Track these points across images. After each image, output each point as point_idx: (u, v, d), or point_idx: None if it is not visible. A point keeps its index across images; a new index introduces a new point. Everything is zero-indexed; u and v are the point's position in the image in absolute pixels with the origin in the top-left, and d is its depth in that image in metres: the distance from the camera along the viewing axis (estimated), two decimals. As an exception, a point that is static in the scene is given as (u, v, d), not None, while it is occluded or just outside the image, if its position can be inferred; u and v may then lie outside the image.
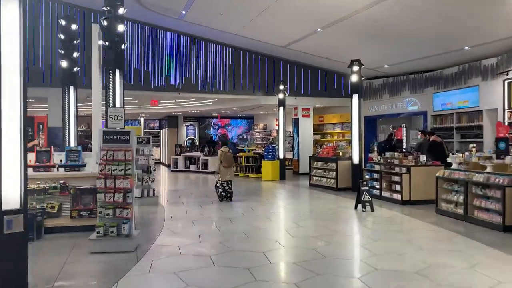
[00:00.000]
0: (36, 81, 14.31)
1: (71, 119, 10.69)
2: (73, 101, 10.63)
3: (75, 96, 10.70)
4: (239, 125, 25.54)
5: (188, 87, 16.02)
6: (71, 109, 10.58)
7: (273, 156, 15.80)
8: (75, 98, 10.64)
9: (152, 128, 27.57)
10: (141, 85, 15.42)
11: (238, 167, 17.76)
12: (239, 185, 14.02)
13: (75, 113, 10.52)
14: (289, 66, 17.31)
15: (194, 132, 25.11)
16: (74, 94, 10.68)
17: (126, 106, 21.21)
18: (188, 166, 19.98)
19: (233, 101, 18.30)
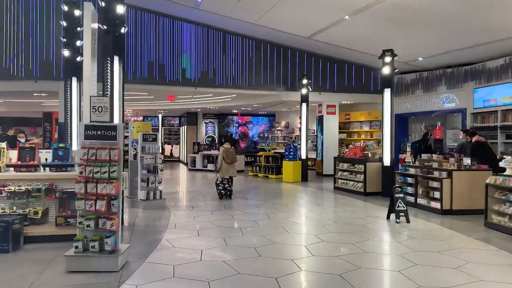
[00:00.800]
0: (46, 74, 13.67)
1: (73, 114, 9.85)
2: (76, 93, 9.80)
3: (79, 88, 9.85)
4: (260, 123, 24.47)
5: (205, 81, 15.06)
6: (74, 102, 9.75)
7: (294, 156, 14.66)
8: (78, 91, 9.80)
9: (171, 125, 26.86)
10: (155, 79, 14.57)
11: (257, 167, 16.70)
12: (257, 187, 12.95)
13: (78, 107, 9.69)
14: (313, 59, 16.10)
15: (214, 130, 24.20)
16: (77, 86, 9.84)
17: (142, 102, 20.59)
18: (205, 165, 19.07)
19: (253, 97, 17.25)
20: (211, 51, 15.11)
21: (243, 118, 24.18)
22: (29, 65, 13.63)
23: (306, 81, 14.80)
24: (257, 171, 16.69)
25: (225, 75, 15.25)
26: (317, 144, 17.29)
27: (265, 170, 16.34)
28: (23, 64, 13.61)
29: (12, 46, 13.56)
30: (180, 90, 15.23)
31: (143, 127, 10.66)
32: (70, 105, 9.89)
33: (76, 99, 9.76)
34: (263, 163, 16.45)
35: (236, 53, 15.35)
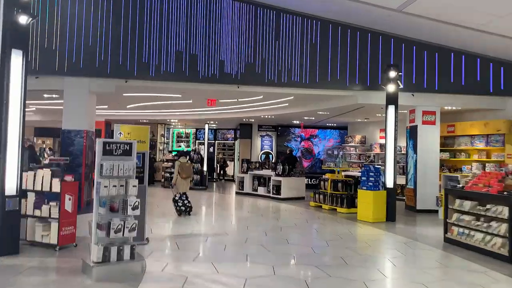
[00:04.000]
0: (48, 68, 10.62)
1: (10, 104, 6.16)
2: (20, 73, 6.06)
3: (24, 65, 6.10)
4: (328, 137, 19.92)
5: (250, 77, 11.09)
6: (15, 85, 6.04)
7: (376, 183, 10.01)
8: (23, 69, 6.08)
9: (226, 138, 23.33)
10: (185, 74, 10.91)
11: (322, 195, 12.23)
12: (318, 231, 8.49)
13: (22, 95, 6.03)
14: (403, 47, 11.43)
15: (271, 145, 20.14)
16: (22, 63, 6.09)
17: (185, 110, 17.11)
18: (255, 188, 14.98)
19: (317, 99, 12.93)
20: (260, 37, 11.12)
21: (307, 131, 19.81)
22: None
23: (394, 73, 10.17)
24: (321, 200, 12.21)
25: (278, 69, 11.14)
26: (408, 167, 12.39)
27: (332, 201, 11.81)
28: None
29: None
30: (217, 89, 11.40)
31: (137, 132, 6.87)
32: (7, 88, 6.14)
33: (19, 82, 6.07)
34: (330, 190, 11.95)
35: (295, 39, 11.21)
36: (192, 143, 23.23)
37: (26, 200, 6.34)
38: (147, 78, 10.87)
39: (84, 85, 10.97)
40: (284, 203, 13.01)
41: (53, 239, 6.12)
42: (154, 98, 13.47)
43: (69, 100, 10.97)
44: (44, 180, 6.25)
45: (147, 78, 10.85)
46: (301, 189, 14.39)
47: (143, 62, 10.77)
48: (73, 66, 10.59)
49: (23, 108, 6.00)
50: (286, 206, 12.36)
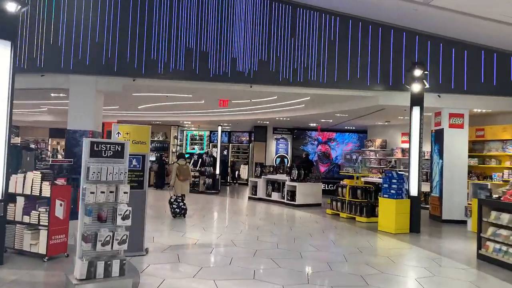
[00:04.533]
0: (54, 65, 10.20)
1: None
2: (8, 67, 5.58)
3: (12, 58, 5.61)
4: (346, 141, 19.07)
5: (264, 76, 10.43)
6: (1, 79, 5.54)
7: (399, 191, 9.20)
8: (11, 62, 5.59)
9: (241, 141, 22.73)
10: (195, 73, 10.33)
11: (339, 202, 11.45)
12: (338, 241, 7.71)
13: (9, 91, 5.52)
14: (428, 44, 10.61)
15: (287, 148, 19.41)
16: (10, 55, 5.60)
17: (198, 112, 16.55)
18: (269, 194, 14.29)
19: (335, 100, 12.18)
20: (274, 33, 10.47)
21: (324, 134, 19.01)
22: None
23: (419, 71, 9.37)
24: (339, 208, 11.44)
25: (294, 67, 10.45)
26: (432, 173, 11.51)
27: (350, 209, 11.03)
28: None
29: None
30: (228, 88, 10.77)
31: (137, 132, 6.28)
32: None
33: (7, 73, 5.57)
34: (348, 197, 11.17)
35: (312, 35, 10.52)
36: (206, 146, 22.71)
37: (15, 205, 5.82)
38: (156, 77, 10.33)
39: (90, 84, 10.50)
40: (299, 210, 12.28)
41: (42, 249, 5.57)
42: (164, 99, 12.94)
43: (75, 99, 10.50)
44: (34, 184, 5.72)
45: (155, 76, 10.32)
46: (318, 196, 13.64)
47: (152, 59, 10.24)
48: (79, 63, 10.14)
49: (10, 106, 5.46)
50: (301, 214, 11.64)
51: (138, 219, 6.23)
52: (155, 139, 20.84)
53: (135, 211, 6.19)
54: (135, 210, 6.19)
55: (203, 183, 16.21)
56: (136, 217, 6.21)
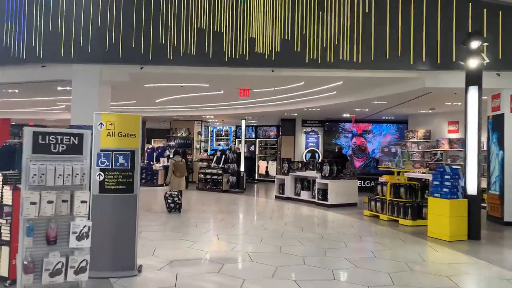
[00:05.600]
0: (54, 54, 9.22)
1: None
2: None
3: None
4: (384, 132, 17.27)
5: (287, 58, 9.00)
6: None
7: (453, 189, 7.55)
8: None
9: (268, 136, 21.37)
10: (208, 57, 9.04)
11: (379, 202, 9.88)
12: (380, 253, 6.13)
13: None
14: (485, 12, 8.82)
15: (317, 142, 17.85)
16: None
17: (218, 105, 15.21)
18: (298, 193, 12.87)
19: (371, 85, 10.59)
20: (299, 7, 9.01)
21: (359, 126, 17.29)
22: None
23: (477, 43, 7.65)
24: (378, 209, 9.87)
25: (322, 46, 8.96)
26: (490, 166, 9.73)
27: (392, 210, 9.44)
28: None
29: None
30: (247, 74, 9.45)
31: (124, 122, 5.05)
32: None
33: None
34: (389, 197, 9.59)
35: (342, 8, 8.98)
36: (232, 142, 21.51)
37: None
38: (164, 63, 9.13)
39: (94, 73, 9.46)
40: (331, 211, 10.80)
41: (4, 270, 4.44)
42: (181, 91, 11.78)
43: (78, 90, 9.49)
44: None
45: (164, 62, 9.12)
46: (353, 194, 12.09)
47: (160, 43, 9.05)
48: (81, 50, 9.10)
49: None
50: (334, 216, 10.16)
51: (128, 231, 5.01)
52: (178, 135, 19.84)
53: (123, 220, 4.99)
54: (123, 220, 4.99)
55: (226, 181, 14.98)
56: (125, 229, 5.01)
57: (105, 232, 4.91)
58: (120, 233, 4.97)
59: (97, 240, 4.93)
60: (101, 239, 4.90)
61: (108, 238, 4.91)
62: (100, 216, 4.91)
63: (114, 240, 4.93)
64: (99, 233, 4.92)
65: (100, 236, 4.91)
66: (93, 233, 4.95)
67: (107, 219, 4.92)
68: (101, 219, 4.90)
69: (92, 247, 4.92)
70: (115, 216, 4.95)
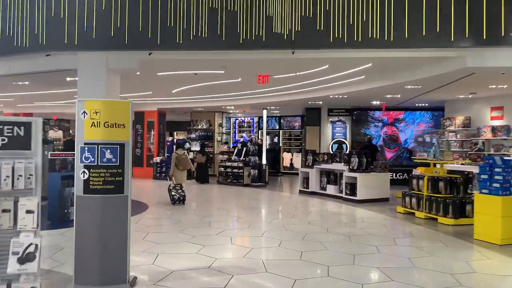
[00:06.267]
0: (57, 41, 8.60)
1: None
2: None
3: None
4: (417, 120, 15.97)
5: (310, 37, 8.01)
6: None
7: (505, 184, 6.44)
8: None
9: (292, 127, 20.40)
10: (221, 39, 8.17)
11: (414, 198, 8.82)
12: (418, 260, 5.07)
13: None
14: (542, -23, 7.54)
15: (345, 132, 16.74)
16: None
17: (238, 94, 14.20)
18: (324, 187, 11.92)
19: (405, 66, 9.46)
20: (321, -21, 7.99)
21: (390, 114, 16.07)
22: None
23: (535, 11, 6.44)
24: (414, 205, 8.82)
25: (349, 23, 7.92)
26: (545, 157, 8.47)
27: (430, 206, 8.37)
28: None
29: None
30: (264, 57, 8.54)
31: (111, 109, 4.27)
32: None
33: None
34: (427, 192, 8.51)
35: (371, -21, 7.90)
36: (254, 133, 20.67)
37: None
38: (174, 47, 8.33)
39: (100, 61, 8.79)
40: (361, 207, 9.82)
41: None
42: (194, 79, 11.00)
43: (84, 80, 8.87)
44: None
45: (173, 47, 8.32)
46: (384, 188, 11.04)
47: (168, 26, 8.24)
48: (85, 36, 8.42)
49: None
50: (363, 213, 9.18)
51: (118, 238, 4.27)
52: (198, 127, 19.17)
53: (112, 226, 4.24)
54: (112, 225, 4.24)
55: (247, 174, 14.18)
56: (115, 236, 4.27)
57: (91, 239, 4.19)
58: (109, 241, 4.23)
59: (82, 249, 4.23)
60: (87, 247, 4.18)
61: (94, 247, 4.19)
62: (85, 221, 4.19)
63: (102, 248, 4.20)
64: (84, 240, 4.22)
65: (86, 244, 4.20)
66: (78, 241, 4.26)
67: (94, 225, 4.19)
68: (86, 224, 4.19)
69: (76, 257, 4.26)
70: (103, 220, 4.21)
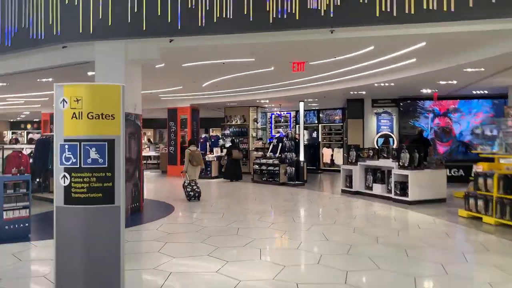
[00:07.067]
0: (72, 31, 7.91)
1: None
2: None
3: None
4: (474, 110, 14.18)
5: (351, 13, 6.80)
6: None
7: None
8: None
9: (332, 121, 19.08)
10: (248, 19, 7.11)
11: (481, 199, 7.39)
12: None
13: None
14: None
15: (391, 124, 15.25)
16: None
17: (268, 86, 12.26)
18: (369, 186, 10.63)
19: (465, 45, 8.00)
20: None
21: (443, 104, 14.38)
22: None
23: None
24: (480, 209, 7.39)
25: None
26: None
27: (502, 210, 6.93)
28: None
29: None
30: (299, 39, 7.43)
31: (96, 97, 3.34)
32: None
33: None
34: (497, 193, 7.08)
35: None
36: (292, 129, 19.53)
37: None
38: (196, 32, 7.39)
39: (118, 52, 8.11)
40: (413, 210, 8.50)
41: None
42: (223, 69, 10.08)
43: (101, 73, 8.17)
44: None
45: (195, 31, 7.38)
46: (441, 187, 9.63)
47: (189, 8, 7.31)
48: (100, 24, 7.67)
49: None
50: (418, 217, 7.87)
51: (108, 261, 3.35)
52: (232, 123, 18.30)
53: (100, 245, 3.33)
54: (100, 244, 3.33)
55: (284, 172, 13.10)
56: (104, 257, 3.35)
57: (74, 262, 3.29)
58: (97, 262, 3.32)
59: (63, 273, 3.34)
60: (69, 272, 3.29)
61: (78, 271, 3.29)
62: (66, 240, 3.30)
63: (88, 271, 3.29)
64: (66, 263, 3.32)
65: (67, 268, 3.30)
66: (58, 263, 3.38)
67: (77, 243, 3.30)
68: (68, 243, 3.30)
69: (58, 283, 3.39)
70: (89, 238, 3.31)
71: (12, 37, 8.63)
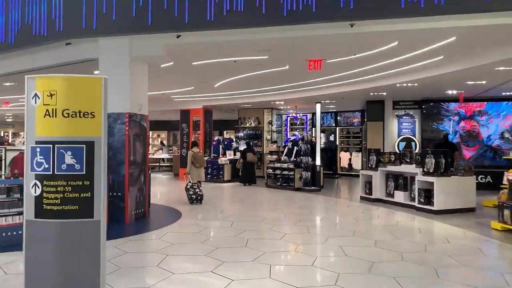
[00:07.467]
0: (75, 26, 7.50)
1: None
2: None
3: None
4: (503, 112, 13.28)
5: (372, 4, 6.18)
6: None
7: None
8: None
9: (351, 124, 18.37)
10: (260, 12, 6.56)
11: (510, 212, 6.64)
12: None
13: None
14: None
15: (413, 128, 14.46)
16: None
17: (283, 86, 11.13)
18: (391, 193, 9.93)
19: (499, 39, 7.24)
20: None
21: (469, 106, 13.53)
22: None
23: None
24: (499, 217, 6.66)
25: (426, -19, 5.98)
26: None
27: (543, 225, 6.18)
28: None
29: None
30: (314, 33, 6.84)
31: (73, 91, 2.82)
32: None
33: None
34: (536, 204, 6.32)
35: None
36: (308, 132, 18.89)
37: None
38: (205, 27, 6.88)
39: (123, 48, 7.68)
40: (439, 221, 7.79)
41: None
42: (235, 68, 9.55)
43: (105, 71, 7.72)
44: None
45: (204, 26, 6.87)
46: (469, 196, 8.88)
47: (197, 1, 6.82)
48: (104, 18, 7.25)
49: None
50: (446, 229, 7.16)
51: (86, 282, 2.82)
52: (246, 125, 17.77)
53: (75, 265, 2.80)
54: (75, 264, 2.80)
55: (299, 177, 12.49)
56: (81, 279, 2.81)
57: (46, 284, 2.77)
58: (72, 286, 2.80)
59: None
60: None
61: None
62: (36, 259, 2.79)
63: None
64: (36, 285, 2.81)
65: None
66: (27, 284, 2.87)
67: (48, 263, 2.78)
68: (39, 262, 2.78)
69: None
70: (63, 258, 2.79)
71: (15, 34, 8.30)
